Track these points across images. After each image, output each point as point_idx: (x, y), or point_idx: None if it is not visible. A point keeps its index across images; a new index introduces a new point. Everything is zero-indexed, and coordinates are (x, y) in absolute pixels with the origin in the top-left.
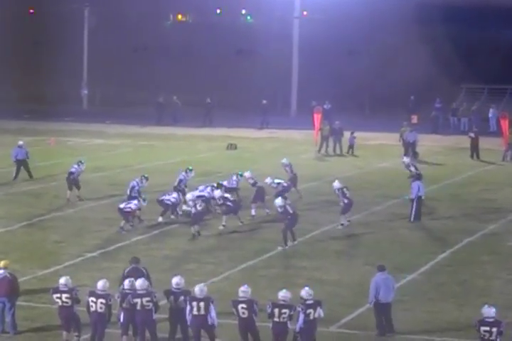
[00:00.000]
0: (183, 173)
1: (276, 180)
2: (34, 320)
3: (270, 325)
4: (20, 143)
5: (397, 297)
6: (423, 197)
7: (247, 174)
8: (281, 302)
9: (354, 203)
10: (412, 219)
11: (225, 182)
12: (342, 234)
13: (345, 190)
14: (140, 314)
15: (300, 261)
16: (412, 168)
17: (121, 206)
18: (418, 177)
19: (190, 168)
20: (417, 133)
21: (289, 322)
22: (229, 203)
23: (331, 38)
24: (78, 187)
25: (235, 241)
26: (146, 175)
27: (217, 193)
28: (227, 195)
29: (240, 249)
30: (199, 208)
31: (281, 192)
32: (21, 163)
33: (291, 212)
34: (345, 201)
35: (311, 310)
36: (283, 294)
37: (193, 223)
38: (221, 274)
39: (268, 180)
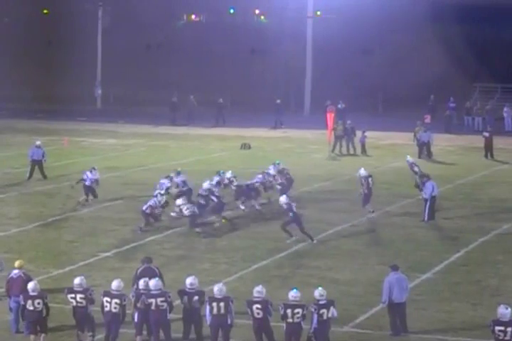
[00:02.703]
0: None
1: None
2: (48, 320)
3: (284, 325)
4: (38, 143)
5: (412, 296)
6: (436, 197)
7: (228, 174)
8: (293, 303)
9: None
10: (426, 219)
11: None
12: (355, 234)
13: (370, 179)
14: (154, 314)
15: (313, 261)
16: (416, 168)
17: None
18: (428, 176)
19: (179, 169)
20: (432, 133)
21: (302, 322)
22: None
23: (344, 37)
24: (94, 195)
25: (247, 241)
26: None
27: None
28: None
29: (253, 248)
30: (186, 212)
31: (284, 191)
32: (36, 163)
33: (294, 210)
34: (366, 191)
35: (324, 310)
36: (294, 294)
37: (192, 225)
38: (235, 274)
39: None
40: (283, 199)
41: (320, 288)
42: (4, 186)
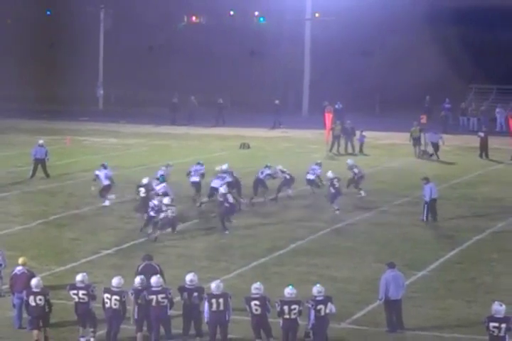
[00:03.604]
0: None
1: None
2: (51, 316)
3: (281, 321)
4: (41, 142)
5: (407, 294)
6: (436, 199)
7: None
8: (289, 299)
9: (365, 201)
10: (424, 219)
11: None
12: (353, 232)
13: (335, 181)
14: (155, 310)
15: (311, 259)
16: (356, 170)
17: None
18: (427, 179)
19: (171, 163)
20: (441, 134)
21: (298, 318)
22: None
23: (342, 39)
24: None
25: (246, 239)
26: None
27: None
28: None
29: (252, 246)
30: (171, 214)
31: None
32: (39, 162)
33: (231, 201)
34: (333, 191)
35: (321, 306)
36: (289, 290)
37: (160, 228)
38: (234, 271)
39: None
40: (222, 189)
41: (318, 285)
42: (7, 185)
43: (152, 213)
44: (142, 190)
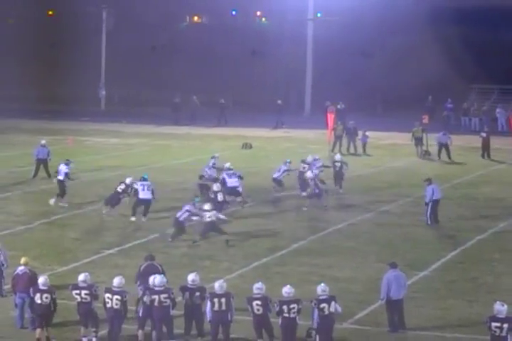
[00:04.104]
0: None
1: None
2: (54, 315)
3: (279, 320)
4: (43, 142)
5: (409, 294)
6: (438, 200)
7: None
8: (288, 299)
9: (362, 202)
10: (428, 222)
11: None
12: (355, 232)
13: (316, 180)
14: (157, 310)
15: (313, 259)
16: (338, 164)
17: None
18: (430, 180)
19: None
20: (451, 136)
21: (297, 317)
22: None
23: (344, 39)
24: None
25: (248, 239)
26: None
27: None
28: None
29: (254, 246)
30: (211, 219)
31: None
32: (41, 162)
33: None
34: (317, 191)
35: (324, 305)
36: (287, 290)
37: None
38: (236, 271)
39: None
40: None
41: (322, 284)
42: (9, 185)
43: (184, 216)
44: (122, 186)
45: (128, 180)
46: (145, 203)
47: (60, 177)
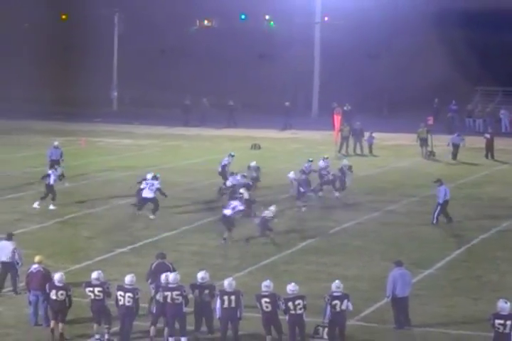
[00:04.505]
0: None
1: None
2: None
3: (286, 317)
4: (56, 143)
5: (414, 291)
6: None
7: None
8: (292, 295)
9: (369, 202)
10: (434, 221)
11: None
12: (361, 231)
13: (295, 180)
14: (170, 307)
15: (320, 257)
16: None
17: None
18: (441, 181)
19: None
20: (464, 137)
21: (304, 313)
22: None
23: (351, 42)
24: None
25: (258, 238)
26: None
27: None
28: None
29: (263, 245)
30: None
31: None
32: (55, 164)
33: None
34: (302, 190)
35: (337, 302)
36: (291, 287)
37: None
38: (245, 269)
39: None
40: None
41: (337, 281)
42: (23, 185)
43: (237, 211)
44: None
45: (149, 176)
46: (148, 201)
47: (50, 181)
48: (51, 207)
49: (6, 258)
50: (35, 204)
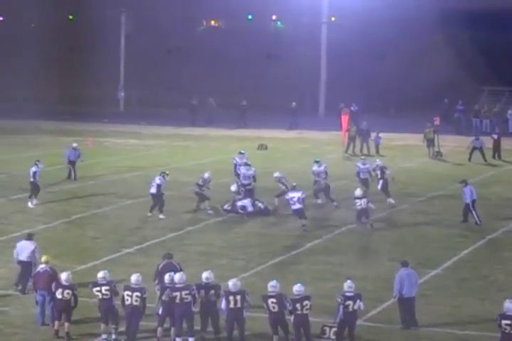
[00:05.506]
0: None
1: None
2: (72, 313)
3: (292, 318)
4: (75, 145)
5: (421, 291)
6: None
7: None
8: (299, 296)
9: (376, 201)
10: (478, 221)
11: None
12: (368, 231)
13: (283, 179)
14: (179, 307)
15: (327, 257)
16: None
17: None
18: (465, 182)
19: (167, 172)
20: (482, 139)
21: (309, 313)
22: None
23: (358, 42)
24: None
25: (265, 238)
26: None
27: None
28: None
29: (270, 245)
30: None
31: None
32: (73, 164)
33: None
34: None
35: (349, 302)
36: (298, 288)
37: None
38: (251, 269)
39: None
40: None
41: (349, 281)
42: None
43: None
44: (200, 180)
45: (206, 175)
46: (152, 197)
47: (32, 179)
48: (30, 204)
49: (24, 258)
50: (30, 204)
